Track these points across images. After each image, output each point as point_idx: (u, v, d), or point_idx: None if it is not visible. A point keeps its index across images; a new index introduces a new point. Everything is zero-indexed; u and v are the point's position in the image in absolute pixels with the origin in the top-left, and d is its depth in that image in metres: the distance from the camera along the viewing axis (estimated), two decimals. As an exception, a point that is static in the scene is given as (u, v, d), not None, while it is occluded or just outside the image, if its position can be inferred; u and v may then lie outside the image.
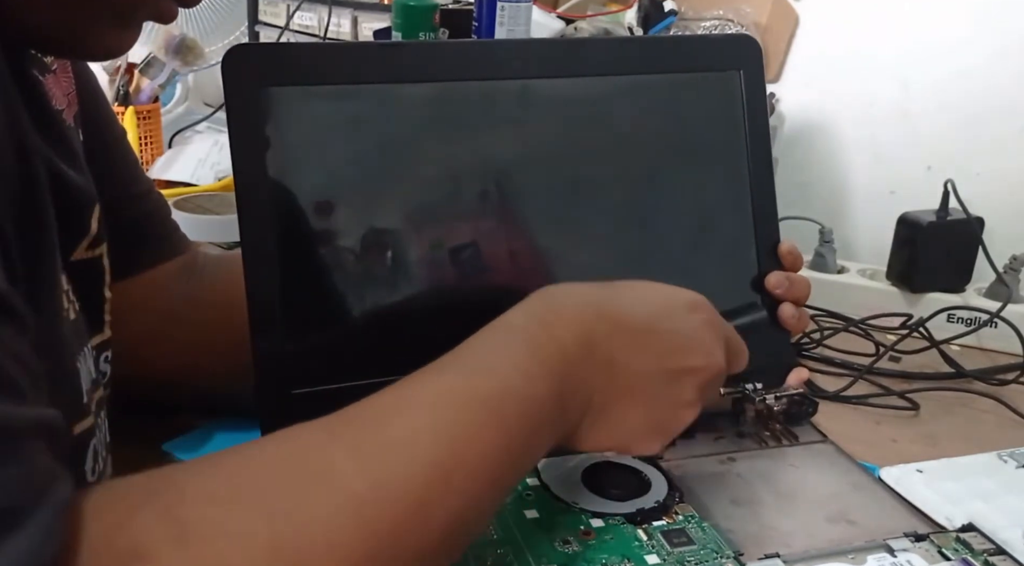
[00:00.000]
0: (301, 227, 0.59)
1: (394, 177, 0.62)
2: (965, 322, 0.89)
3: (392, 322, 0.62)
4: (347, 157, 0.61)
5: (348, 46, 0.74)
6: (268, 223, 0.57)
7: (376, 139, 0.61)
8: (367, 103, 0.61)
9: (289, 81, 0.59)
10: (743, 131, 0.69)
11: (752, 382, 0.66)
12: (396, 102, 0.62)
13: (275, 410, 0.56)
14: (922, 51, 1.02)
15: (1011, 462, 0.64)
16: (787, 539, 0.54)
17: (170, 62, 1.16)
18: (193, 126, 1.32)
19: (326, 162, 0.60)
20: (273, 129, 0.58)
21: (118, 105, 1.15)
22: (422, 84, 0.62)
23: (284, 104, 0.58)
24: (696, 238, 0.69)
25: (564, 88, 0.66)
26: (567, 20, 1.16)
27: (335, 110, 0.61)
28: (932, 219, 0.91)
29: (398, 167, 0.62)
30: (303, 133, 0.60)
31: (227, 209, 0.98)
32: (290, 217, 0.59)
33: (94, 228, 0.51)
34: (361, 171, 0.62)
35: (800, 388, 0.68)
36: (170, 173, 1.16)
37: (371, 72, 0.61)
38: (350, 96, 0.61)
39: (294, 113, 0.59)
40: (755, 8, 1.09)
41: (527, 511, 0.55)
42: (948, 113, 1.01)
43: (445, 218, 0.63)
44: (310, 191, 0.59)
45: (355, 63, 0.61)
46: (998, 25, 0.98)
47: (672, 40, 0.95)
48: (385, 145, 0.62)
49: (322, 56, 0.61)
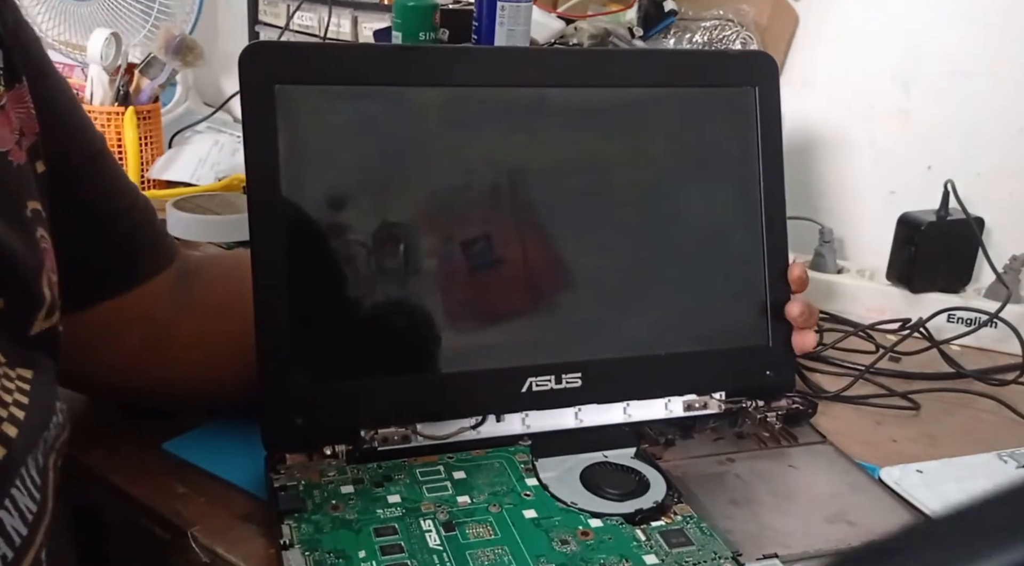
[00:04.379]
0: (310, 222, 0.60)
1: (405, 178, 0.63)
2: (965, 322, 0.89)
3: (396, 322, 0.62)
4: (359, 156, 0.62)
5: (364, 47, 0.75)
6: (278, 217, 0.58)
7: (389, 140, 0.62)
8: (381, 104, 0.62)
9: (305, 80, 0.59)
10: (756, 148, 0.69)
11: (754, 400, 0.67)
12: (411, 105, 0.63)
13: (277, 403, 0.57)
14: (922, 51, 1.02)
15: (1011, 462, 0.64)
16: (786, 540, 0.54)
17: (170, 62, 1.16)
18: (193, 126, 1.32)
19: (338, 160, 0.61)
20: (286, 126, 0.58)
21: (118, 105, 1.15)
22: (437, 88, 0.63)
23: (299, 102, 0.59)
24: (704, 254, 0.68)
25: (579, 97, 0.66)
26: (567, 20, 1.16)
27: (349, 109, 0.61)
28: (932, 219, 0.91)
29: (410, 168, 0.63)
30: (317, 131, 0.60)
31: (227, 209, 0.98)
32: (300, 212, 0.59)
33: (47, 295, 0.45)
34: (372, 171, 0.62)
35: (796, 394, 0.68)
36: (170, 173, 1.16)
37: (387, 74, 0.62)
38: (365, 97, 0.61)
39: (309, 111, 0.60)
40: (755, 8, 1.08)
41: (526, 511, 0.55)
42: (948, 113, 1.01)
43: (455, 221, 0.64)
44: (321, 187, 0.60)
45: (370, 65, 0.61)
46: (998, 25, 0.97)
47: (688, 54, 0.94)
48: (398, 146, 0.62)
49: (338, 57, 0.61)
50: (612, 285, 0.66)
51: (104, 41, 1.12)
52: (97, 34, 1.12)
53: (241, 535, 0.54)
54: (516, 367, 0.63)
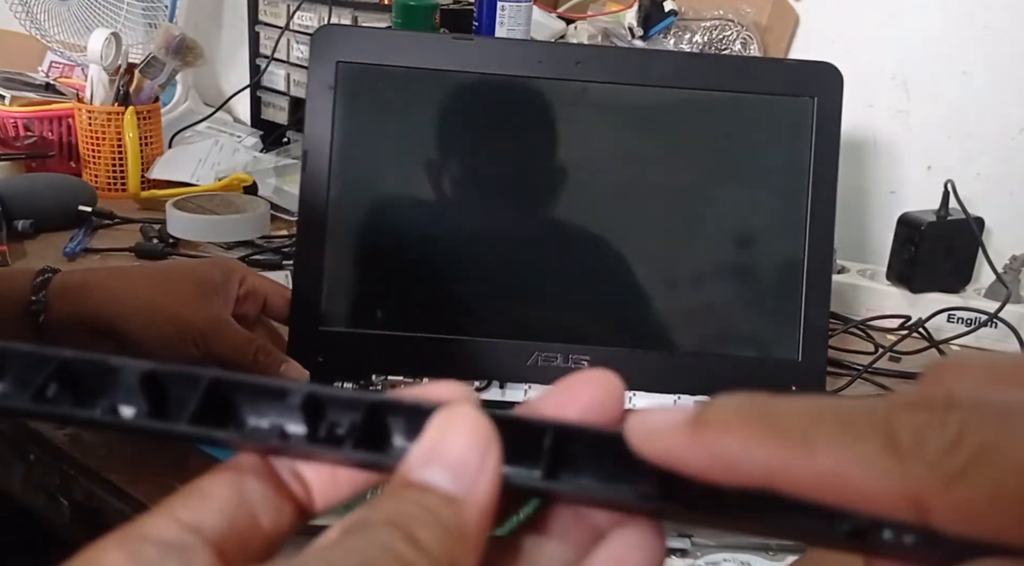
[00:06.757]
0: (352, 184, 0.67)
1: (444, 154, 0.69)
2: (965, 322, 0.89)
3: (420, 284, 0.69)
4: (403, 130, 0.69)
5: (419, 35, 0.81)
6: (325, 179, 0.66)
7: (432, 118, 0.68)
8: (428, 86, 0.68)
9: (363, 58, 0.67)
10: (807, 161, 0.67)
11: None
12: (457, 89, 0.68)
13: (304, 341, 0.66)
14: (922, 51, 1.02)
15: (1010, 462, 0.64)
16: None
17: (170, 62, 1.16)
18: (193, 126, 1.32)
19: (384, 131, 0.68)
20: (343, 96, 0.67)
21: (118, 105, 1.15)
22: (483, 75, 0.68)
23: (355, 77, 0.67)
24: (738, 260, 0.68)
25: (632, 95, 0.68)
26: (567, 20, 1.16)
27: (399, 87, 0.68)
28: (932, 219, 0.90)
29: (450, 146, 0.69)
30: (368, 104, 0.68)
31: (227, 209, 0.98)
32: (344, 173, 0.67)
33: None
34: (413, 144, 0.69)
35: None
36: (170, 173, 1.16)
37: (436, 60, 0.68)
38: (414, 78, 0.68)
39: (363, 85, 0.67)
40: (755, 8, 1.08)
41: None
42: (948, 113, 1.01)
43: (488, 198, 0.68)
44: (365, 153, 0.68)
45: (422, 50, 0.67)
46: (998, 25, 0.97)
47: (747, 60, 0.93)
48: (441, 125, 0.68)
49: (394, 42, 0.68)
50: (637, 276, 0.67)
51: (104, 41, 1.11)
52: (97, 34, 1.12)
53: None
54: (526, 341, 0.66)
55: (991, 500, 0.16)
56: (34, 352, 0.22)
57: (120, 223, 1.05)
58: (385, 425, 0.21)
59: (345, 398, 0.21)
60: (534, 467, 0.20)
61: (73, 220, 1.02)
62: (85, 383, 0.22)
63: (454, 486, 0.19)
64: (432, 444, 0.20)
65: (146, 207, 1.11)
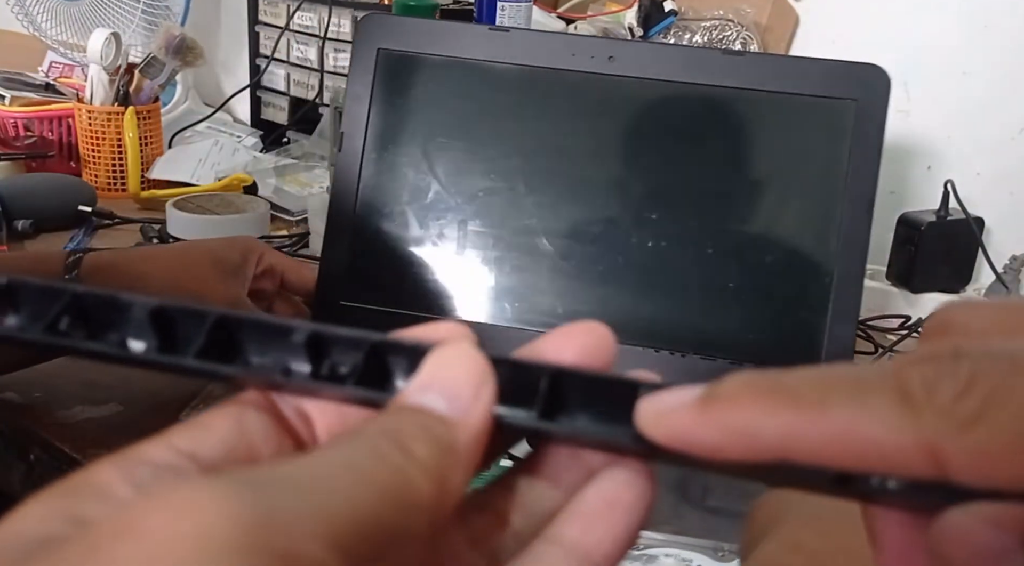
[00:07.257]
0: (384, 167, 0.70)
1: (475, 141, 0.71)
2: (965, 322, 0.89)
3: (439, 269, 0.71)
4: (437, 115, 0.71)
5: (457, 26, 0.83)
6: (359, 159, 0.70)
7: (466, 106, 0.70)
8: (463, 74, 0.70)
9: (402, 46, 0.70)
10: (844, 168, 0.65)
11: None
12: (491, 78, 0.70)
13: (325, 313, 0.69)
14: (922, 51, 1.02)
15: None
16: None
17: (170, 62, 1.16)
18: (193, 126, 1.32)
19: (419, 116, 0.71)
20: (381, 81, 0.70)
21: (118, 105, 1.15)
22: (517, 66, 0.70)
23: (394, 63, 0.70)
24: (763, 261, 0.67)
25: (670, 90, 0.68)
26: (567, 20, 1.16)
27: (437, 74, 0.70)
28: (932, 219, 0.90)
29: (481, 134, 0.71)
30: (405, 89, 0.70)
31: (227, 209, 0.98)
32: (378, 157, 0.70)
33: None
34: (446, 129, 0.71)
35: None
36: (170, 173, 1.16)
37: (473, 50, 0.70)
38: (450, 66, 0.70)
39: (401, 71, 0.70)
40: (755, 8, 1.08)
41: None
42: (948, 113, 1.01)
43: (514, 187, 0.70)
44: (399, 136, 0.70)
45: (459, 40, 0.70)
46: (998, 25, 0.97)
47: (788, 60, 0.91)
48: (474, 112, 0.71)
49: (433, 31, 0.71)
50: (663, 275, 0.67)
51: (104, 41, 1.11)
52: (97, 34, 1.12)
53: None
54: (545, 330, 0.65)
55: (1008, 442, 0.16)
56: (47, 286, 0.22)
57: (120, 223, 1.05)
58: (387, 365, 0.22)
59: (348, 337, 0.22)
60: (530, 408, 0.21)
61: (73, 220, 1.02)
62: (96, 318, 0.22)
63: (449, 410, 0.20)
64: (430, 375, 0.21)
65: (146, 207, 1.11)
